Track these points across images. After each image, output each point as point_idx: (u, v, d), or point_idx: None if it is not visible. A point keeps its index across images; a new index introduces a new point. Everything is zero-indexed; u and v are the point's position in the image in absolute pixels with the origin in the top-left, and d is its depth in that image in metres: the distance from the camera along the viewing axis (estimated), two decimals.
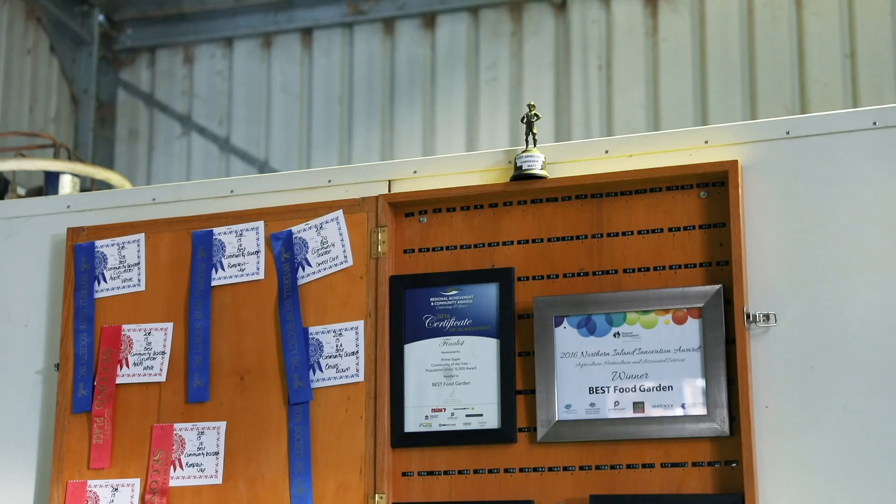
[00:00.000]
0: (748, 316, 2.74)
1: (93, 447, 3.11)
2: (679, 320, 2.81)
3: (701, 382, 2.76)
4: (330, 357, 3.01)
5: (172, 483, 3.05)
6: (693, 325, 2.80)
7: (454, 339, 2.98)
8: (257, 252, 3.13)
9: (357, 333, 3.01)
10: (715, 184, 2.86)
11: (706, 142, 2.88)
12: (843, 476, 2.66)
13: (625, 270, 2.90)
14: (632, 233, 2.91)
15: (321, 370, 3.01)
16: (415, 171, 3.10)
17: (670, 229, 2.88)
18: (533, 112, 3.02)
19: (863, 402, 2.68)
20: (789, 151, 2.82)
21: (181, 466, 3.06)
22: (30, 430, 3.25)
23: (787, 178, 2.81)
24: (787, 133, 2.83)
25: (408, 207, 3.09)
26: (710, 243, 2.85)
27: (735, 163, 2.80)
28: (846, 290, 2.74)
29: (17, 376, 3.29)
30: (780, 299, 2.76)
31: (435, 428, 2.93)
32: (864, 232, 2.74)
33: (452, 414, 2.93)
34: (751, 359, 2.73)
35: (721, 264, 2.82)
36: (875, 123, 2.79)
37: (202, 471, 3.04)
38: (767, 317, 2.74)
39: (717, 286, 2.78)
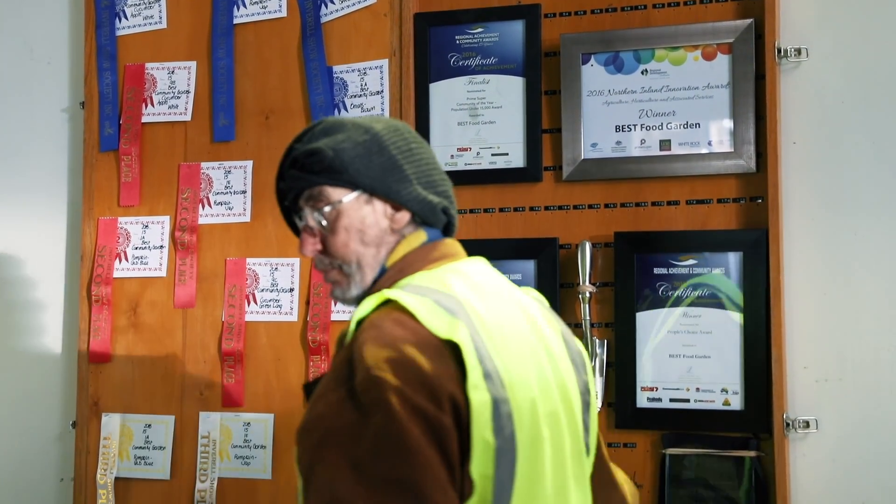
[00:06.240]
0: (779, 51, 2.69)
1: (122, 185, 3.15)
2: (708, 56, 2.77)
3: (728, 119, 2.74)
4: (354, 96, 2.99)
5: (201, 221, 3.09)
6: (722, 60, 2.75)
7: (480, 77, 2.95)
8: None
9: (381, 72, 2.98)
10: None
11: None
12: (867, 211, 2.67)
13: (654, 6, 2.83)
14: None
15: (346, 109, 2.99)
16: None
17: None
18: None
19: (892, 136, 2.66)
20: None
21: (209, 204, 3.09)
22: (59, 167, 3.28)
23: None
24: None
25: None
26: None
27: None
28: (879, 22, 2.68)
29: (43, 114, 3.30)
30: (811, 33, 2.71)
31: (460, 167, 2.94)
32: None
33: (478, 153, 2.93)
34: (780, 94, 2.69)
35: None
36: None
37: (230, 209, 3.07)
38: (798, 51, 2.70)
39: (748, 20, 2.72)
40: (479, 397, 1.57)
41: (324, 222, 1.79)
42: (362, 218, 1.79)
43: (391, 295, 1.65)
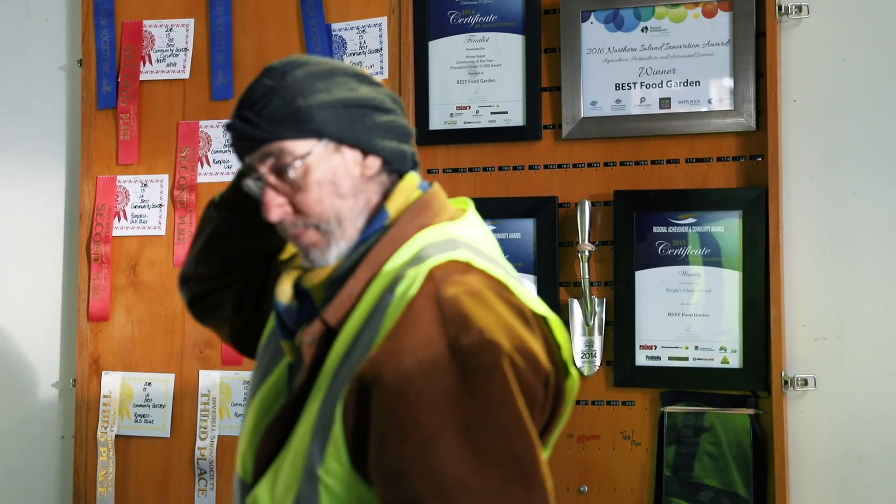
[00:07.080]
0: (780, 7, 2.68)
1: (120, 143, 3.14)
2: (709, 13, 2.75)
3: (728, 77, 2.73)
4: (353, 54, 2.98)
5: (200, 179, 3.09)
6: (723, 17, 2.74)
7: (479, 35, 2.93)
8: None
9: (381, 30, 2.97)
10: None
11: None
12: (867, 169, 2.66)
13: None
14: None
15: None
16: None
17: None
18: None
19: (892, 94, 2.65)
20: None
21: (208, 163, 3.09)
22: (57, 125, 3.27)
23: None
24: None
25: None
26: None
27: None
28: None
29: (41, 72, 3.29)
30: None
31: (460, 126, 2.93)
32: None
33: (477, 112, 2.92)
34: (781, 52, 2.68)
35: None
36: None
37: (229, 167, 3.07)
38: (800, 8, 2.68)
39: None
40: (574, 371, 1.58)
41: (293, 176, 1.57)
42: (333, 169, 1.58)
43: (480, 265, 1.51)
